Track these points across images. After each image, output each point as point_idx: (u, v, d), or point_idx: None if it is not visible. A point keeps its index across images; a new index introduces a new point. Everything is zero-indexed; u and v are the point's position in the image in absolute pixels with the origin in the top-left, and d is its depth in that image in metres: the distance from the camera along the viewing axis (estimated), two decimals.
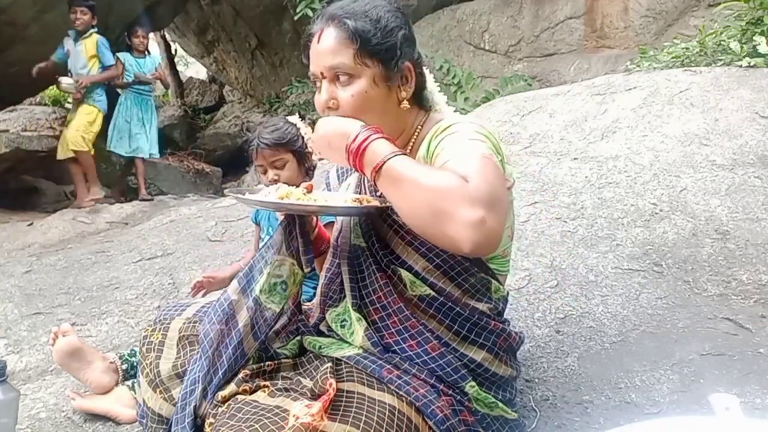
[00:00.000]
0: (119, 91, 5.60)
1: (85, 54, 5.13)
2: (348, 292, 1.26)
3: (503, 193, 1.03)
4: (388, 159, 1.03)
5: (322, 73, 1.19)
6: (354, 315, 1.24)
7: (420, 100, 1.29)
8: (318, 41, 1.19)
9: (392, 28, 1.20)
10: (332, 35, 1.18)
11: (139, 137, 5.65)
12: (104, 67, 5.23)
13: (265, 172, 1.99)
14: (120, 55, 5.60)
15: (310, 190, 1.21)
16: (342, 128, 1.12)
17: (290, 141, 1.94)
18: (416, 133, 1.28)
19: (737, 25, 3.73)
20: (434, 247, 1.19)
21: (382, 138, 1.07)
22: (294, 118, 1.99)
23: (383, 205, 1.16)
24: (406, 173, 1.01)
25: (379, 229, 1.26)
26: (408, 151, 1.28)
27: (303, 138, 1.99)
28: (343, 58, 1.17)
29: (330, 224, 1.90)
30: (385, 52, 1.19)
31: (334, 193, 1.17)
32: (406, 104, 1.24)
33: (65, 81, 5.10)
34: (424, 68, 1.29)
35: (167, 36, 11.02)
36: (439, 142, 1.15)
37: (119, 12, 6.26)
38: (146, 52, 5.89)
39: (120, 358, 1.75)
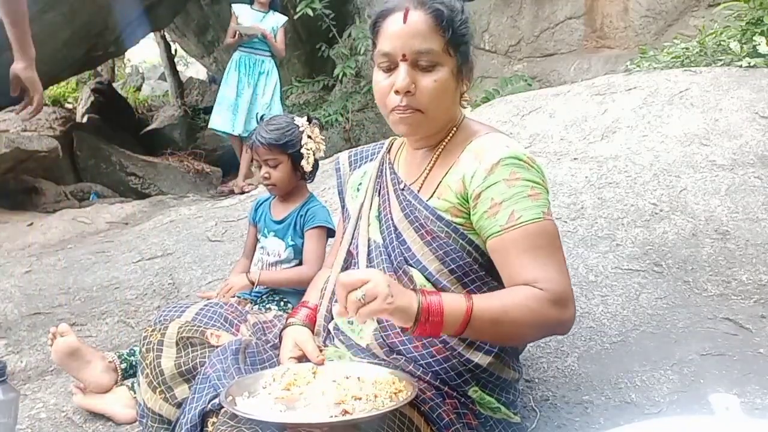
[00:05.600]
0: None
1: None
2: None
3: (563, 255, 1.14)
4: (471, 317, 1.02)
5: (404, 55, 1.13)
6: None
7: None
8: (404, 21, 1.13)
9: (467, 18, 1.18)
10: (423, 19, 1.13)
11: (242, 111, 4.55)
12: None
13: (260, 167, 2.00)
14: (236, 6, 4.59)
15: (321, 363, 1.16)
16: (402, 305, 0.99)
17: (287, 143, 1.90)
18: (452, 133, 1.25)
19: (737, 25, 3.72)
20: (452, 251, 1.18)
21: (438, 296, 1.03)
22: (301, 120, 1.94)
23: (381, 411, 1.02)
24: (496, 319, 1.04)
25: (398, 225, 1.24)
26: (440, 150, 1.25)
27: (307, 139, 1.94)
28: (433, 44, 1.13)
29: (328, 232, 1.91)
30: (464, 45, 1.17)
31: (337, 365, 1.14)
32: (466, 97, 1.23)
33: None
34: None
35: (167, 36, 11.00)
36: (490, 184, 1.13)
37: (118, 12, 6.24)
38: (269, 8, 4.74)
39: (119, 357, 1.75)
